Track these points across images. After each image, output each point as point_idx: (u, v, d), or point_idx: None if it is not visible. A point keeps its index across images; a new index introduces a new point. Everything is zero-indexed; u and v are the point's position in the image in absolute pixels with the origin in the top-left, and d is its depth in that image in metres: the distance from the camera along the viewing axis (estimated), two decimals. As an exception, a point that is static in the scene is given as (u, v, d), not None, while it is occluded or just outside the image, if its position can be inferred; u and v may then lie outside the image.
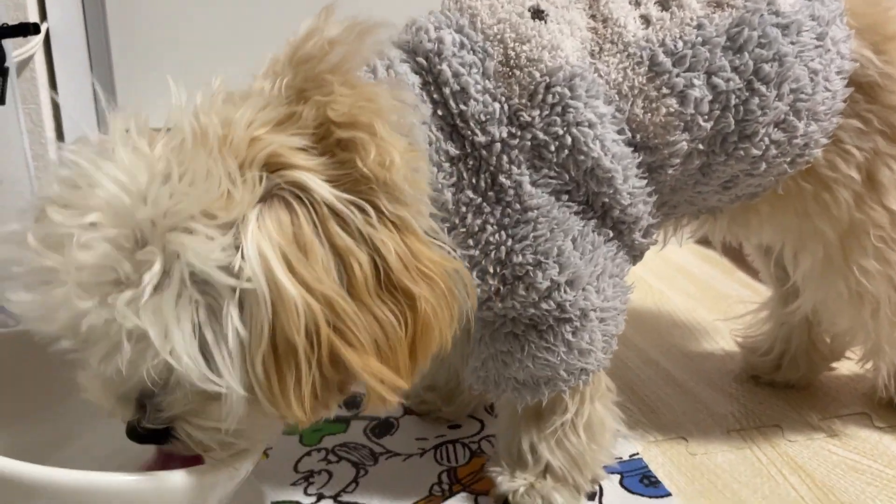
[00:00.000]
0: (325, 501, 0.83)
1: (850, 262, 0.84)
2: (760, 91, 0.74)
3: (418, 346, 0.63)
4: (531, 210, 0.71)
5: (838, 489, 0.85)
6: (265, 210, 0.58)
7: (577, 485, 0.82)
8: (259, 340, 0.57)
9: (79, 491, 0.58)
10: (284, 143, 0.59)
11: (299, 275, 0.57)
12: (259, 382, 0.58)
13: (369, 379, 0.60)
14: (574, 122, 0.70)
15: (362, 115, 0.60)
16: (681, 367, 1.10)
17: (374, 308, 0.60)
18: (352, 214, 0.59)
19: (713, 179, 0.79)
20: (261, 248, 0.56)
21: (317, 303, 0.57)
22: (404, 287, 0.61)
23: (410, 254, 0.61)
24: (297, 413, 0.59)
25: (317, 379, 0.59)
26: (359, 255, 0.59)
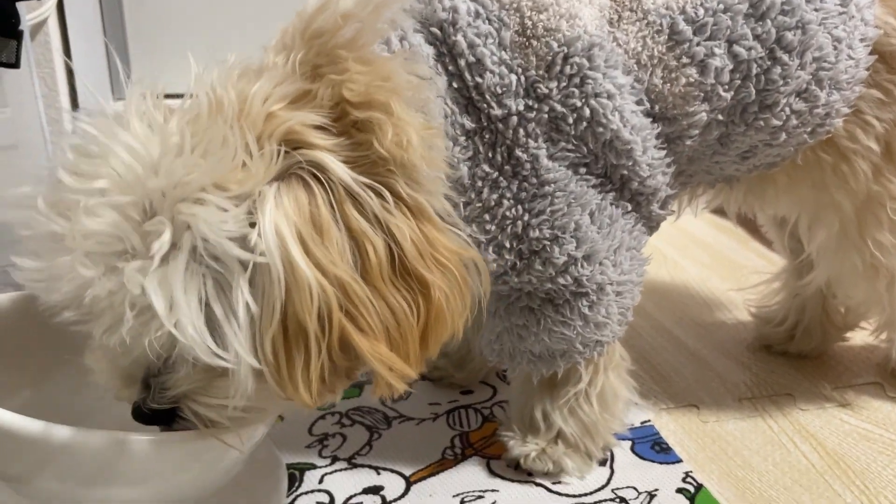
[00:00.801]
0: (340, 464, 0.83)
1: (865, 236, 0.83)
2: (783, 60, 0.71)
3: (429, 334, 0.62)
4: (548, 184, 0.69)
5: (849, 457, 0.85)
6: (283, 188, 0.56)
7: (589, 452, 0.82)
8: (270, 320, 0.55)
9: (102, 450, 0.59)
10: (302, 120, 0.58)
11: (314, 256, 0.55)
12: (268, 362, 0.57)
13: (378, 366, 0.59)
14: (593, 93, 0.68)
15: (378, 94, 0.58)
16: (694, 336, 1.09)
17: (386, 294, 0.59)
18: (368, 198, 0.58)
19: (732, 150, 0.77)
20: (278, 226, 0.55)
21: (330, 286, 0.56)
22: (418, 274, 0.60)
23: (426, 241, 0.60)
24: (303, 396, 0.57)
25: (325, 363, 0.57)
26: (374, 240, 0.58)
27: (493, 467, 0.83)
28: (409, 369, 0.61)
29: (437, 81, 0.67)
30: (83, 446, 0.59)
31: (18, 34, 0.91)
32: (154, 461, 0.62)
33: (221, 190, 0.55)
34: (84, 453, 0.60)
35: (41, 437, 0.58)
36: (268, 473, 0.78)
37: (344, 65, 0.59)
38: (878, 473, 0.82)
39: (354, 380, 0.63)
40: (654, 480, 0.81)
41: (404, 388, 0.61)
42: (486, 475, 0.82)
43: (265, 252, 0.55)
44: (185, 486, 0.67)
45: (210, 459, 0.65)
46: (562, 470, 0.81)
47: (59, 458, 0.60)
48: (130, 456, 0.60)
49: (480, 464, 0.84)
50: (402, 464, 0.84)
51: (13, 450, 0.60)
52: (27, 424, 0.58)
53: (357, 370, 0.61)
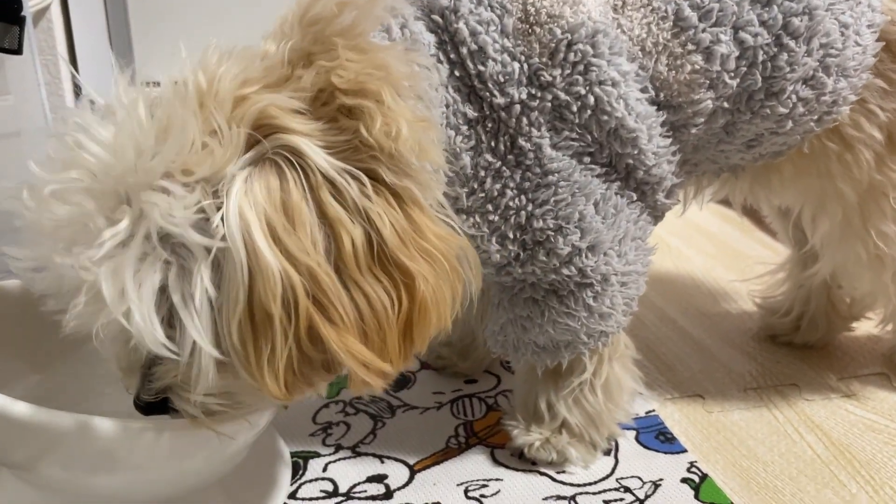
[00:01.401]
0: (344, 452, 0.83)
1: (868, 226, 0.81)
2: (789, 46, 0.70)
3: (414, 328, 0.59)
4: (552, 174, 0.68)
5: (855, 448, 0.84)
6: (255, 173, 0.55)
7: (594, 441, 0.81)
8: (235, 306, 0.54)
9: (106, 437, 0.59)
10: (275, 103, 0.56)
11: (282, 243, 0.54)
12: (236, 351, 0.55)
13: (348, 359, 0.56)
14: (597, 80, 0.67)
15: (370, 82, 0.57)
16: (698, 326, 1.08)
17: (364, 284, 0.57)
18: (346, 184, 0.56)
19: (737, 138, 0.76)
20: (243, 212, 0.53)
21: (297, 273, 0.54)
22: (401, 264, 0.57)
23: (412, 229, 0.58)
24: (271, 386, 0.56)
25: (294, 353, 0.56)
26: (350, 228, 0.55)
27: (498, 456, 0.83)
28: (385, 365, 0.58)
29: (438, 70, 0.66)
30: (88, 434, 0.59)
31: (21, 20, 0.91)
32: (159, 449, 0.62)
33: (184, 174, 0.54)
34: (89, 441, 0.59)
35: (46, 425, 0.59)
36: (272, 461, 0.77)
37: (336, 52, 0.57)
38: (884, 463, 0.81)
39: (336, 374, 0.60)
40: (658, 470, 0.80)
41: (381, 386, 0.59)
42: (490, 464, 0.81)
43: (228, 237, 0.53)
44: (189, 474, 0.67)
45: (215, 447, 0.65)
46: (566, 459, 0.80)
47: (63, 446, 0.61)
48: (135, 443, 0.60)
49: (484, 453, 0.83)
50: (406, 452, 0.83)
51: (18, 437, 0.60)
52: (32, 412, 0.58)
53: (334, 364, 0.58)
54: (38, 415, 0.58)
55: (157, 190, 0.54)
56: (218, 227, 0.54)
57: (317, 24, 0.58)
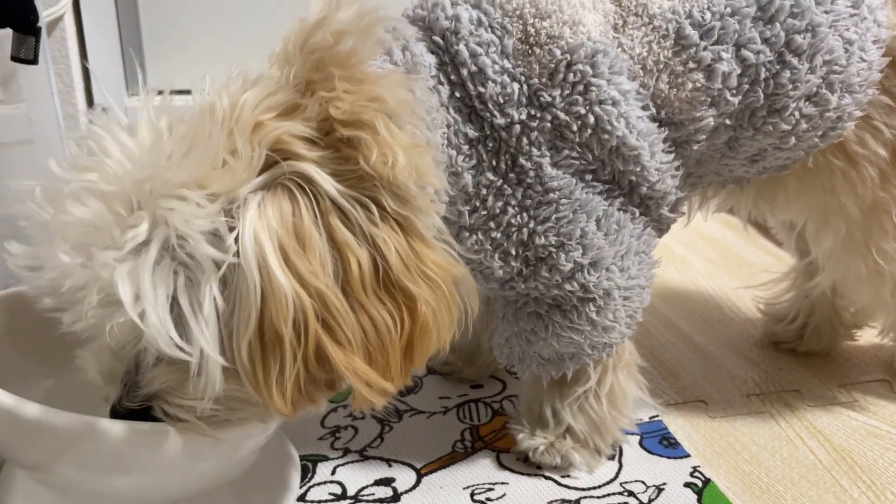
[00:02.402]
0: (352, 456, 0.82)
1: (869, 243, 0.80)
2: (792, 64, 0.69)
3: (415, 348, 0.60)
4: (553, 191, 0.67)
5: (856, 453, 0.83)
6: (268, 197, 0.55)
7: (598, 448, 0.81)
8: (246, 326, 0.54)
9: (120, 439, 0.59)
10: (290, 131, 0.56)
11: (294, 266, 0.54)
12: (244, 368, 0.56)
13: (353, 379, 0.57)
14: (597, 100, 0.66)
15: (365, 113, 0.57)
16: (702, 332, 1.08)
17: (369, 307, 0.58)
18: (354, 210, 0.56)
19: (740, 153, 0.75)
20: (257, 235, 0.54)
21: (308, 296, 0.54)
22: (404, 287, 0.58)
23: (414, 255, 0.58)
24: (278, 403, 0.56)
25: (301, 373, 0.56)
26: (357, 252, 0.56)
27: (503, 460, 0.82)
28: (388, 384, 0.59)
29: (439, 91, 0.65)
30: (101, 435, 0.59)
31: (36, 31, 0.92)
32: (171, 451, 0.61)
33: (200, 188, 0.55)
34: (102, 442, 0.59)
35: (61, 427, 0.59)
36: (281, 464, 0.77)
37: (333, 83, 0.57)
38: (885, 469, 0.81)
39: (336, 391, 0.61)
40: (662, 474, 0.80)
41: (383, 404, 0.60)
42: (495, 468, 0.81)
43: (243, 259, 0.54)
44: (201, 476, 0.67)
45: (226, 449, 0.65)
46: (570, 464, 0.80)
47: (77, 447, 0.60)
48: (148, 445, 0.60)
49: (490, 457, 0.83)
50: (413, 456, 0.83)
51: (33, 438, 0.60)
52: (47, 414, 0.58)
53: (338, 382, 0.60)
54: (54, 417, 0.58)
55: (176, 197, 0.54)
56: (229, 244, 0.54)
57: (315, 52, 0.58)
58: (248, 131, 0.56)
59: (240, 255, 0.54)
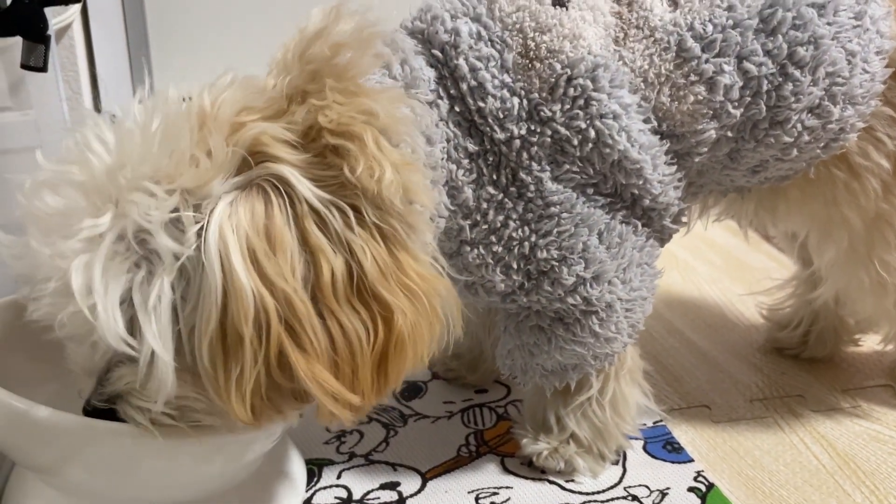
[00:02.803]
0: (357, 460, 0.83)
1: (872, 255, 0.80)
2: (794, 76, 0.68)
3: (389, 362, 0.58)
4: (554, 206, 0.67)
5: (860, 458, 0.83)
6: (241, 196, 0.55)
7: (602, 453, 0.80)
8: (207, 324, 0.53)
9: (128, 442, 0.60)
10: (268, 132, 0.55)
11: (261, 267, 0.53)
12: (204, 369, 0.54)
13: (314, 388, 0.55)
14: (598, 114, 0.66)
15: (354, 126, 0.56)
16: (705, 337, 1.07)
17: (340, 314, 0.56)
18: (330, 215, 0.55)
19: (742, 164, 0.74)
20: (223, 232, 0.53)
21: (272, 297, 0.53)
22: (380, 296, 0.57)
23: (395, 264, 0.57)
24: (237, 409, 0.55)
25: (263, 378, 0.55)
26: (331, 257, 0.55)
27: (508, 465, 0.82)
28: (353, 397, 0.57)
29: (438, 105, 0.65)
30: (110, 438, 0.59)
31: (46, 39, 0.93)
32: (179, 454, 0.62)
33: (168, 181, 0.54)
34: (111, 445, 0.60)
35: (69, 429, 0.59)
36: (287, 468, 0.77)
37: (326, 93, 0.57)
38: (888, 474, 0.80)
39: (308, 402, 0.59)
40: (665, 479, 0.80)
41: (350, 420, 0.57)
42: (500, 472, 0.81)
43: (205, 255, 0.53)
44: (207, 479, 0.67)
45: (233, 452, 0.66)
46: (574, 469, 0.80)
47: (86, 450, 0.61)
48: (156, 447, 0.60)
49: (495, 461, 0.83)
50: (419, 460, 0.83)
51: (43, 441, 0.60)
52: (57, 416, 0.59)
53: (307, 393, 0.57)
54: (64, 420, 0.59)
55: (139, 190, 0.54)
56: (190, 238, 0.53)
57: (312, 62, 0.58)
58: (226, 130, 0.56)
59: (202, 251, 0.53)
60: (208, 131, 0.56)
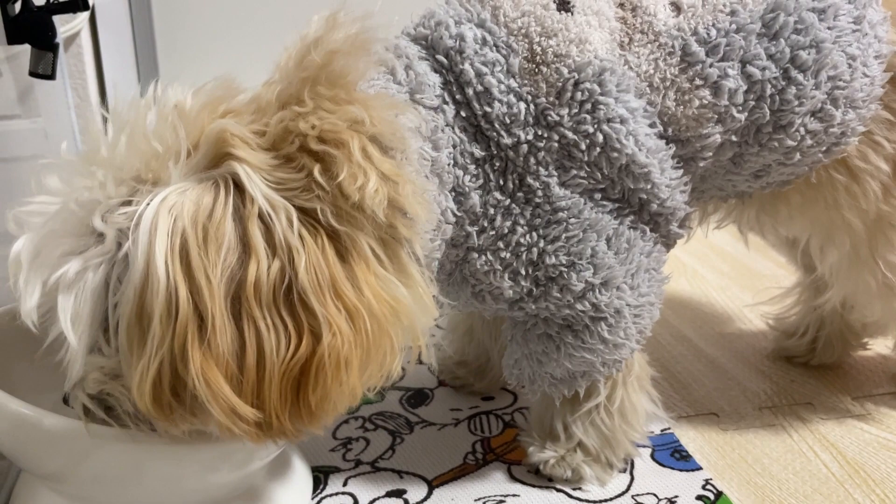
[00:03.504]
0: (363, 467, 0.83)
1: (876, 256, 0.80)
2: (797, 80, 0.69)
3: (308, 383, 0.55)
4: (561, 211, 0.67)
5: (869, 466, 0.83)
6: (192, 187, 0.55)
7: (610, 462, 0.81)
8: (126, 305, 0.54)
9: (135, 449, 0.60)
10: (230, 129, 0.56)
11: (188, 256, 0.53)
12: (122, 352, 0.55)
13: (202, 389, 0.52)
14: (605, 118, 0.66)
15: (341, 133, 0.56)
16: (713, 344, 1.08)
17: (259, 320, 0.54)
18: (276, 217, 0.55)
19: (745, 169, 0.75)
20: (157, 217, 0.54)
21: (186, 287, 0.52)
22: (311, 309, 0.54)
23: (345, 278, 0.55)
24: (136, 392, 0.54)
25: (166, 368, 0.53)
26: (262, 259, 0.54)
27: (514, 472, 0.83)
28: (250, 410, 0.53)
29: (444, 111, 0.65)
30: (117, 445, 0.60)
31: (54, 47, 0.94)
32: (184, 461, 0.63)
33: (119, 170, 0.56)
34: (117, 452, 0.61)
35: (76, 436, 0.60)
36: (293, 476, 0.78)
37: (306, 101, 0.57)
38: None
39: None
40: (673, 487, 0.80)
41: (253, 438, 0.54)
42: (506, 480, 0.81)
43: (131, 236, 0.54)
44: (213, 486, 0.67)
45: (238, 460, 0.66)
46: (581, 477, 0.80)
47: (93, 457, 0.62)
48: (163, 455, 0.61)
49: (501, 469, 0.83)
50: (425, 468, 0.83)
51: (51, 448, 0.61)
52: (62, 423, 0.60)
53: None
54: (71, 427, 0.60)
55: (89, 175, 0.56)
56: (118, 218, 0.55)
57: (307, 70, 0.58)
58: (190, 123, 0.57)
59: (131, 233, 0.54)
60: (173, 124, 0.57)
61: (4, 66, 0.98)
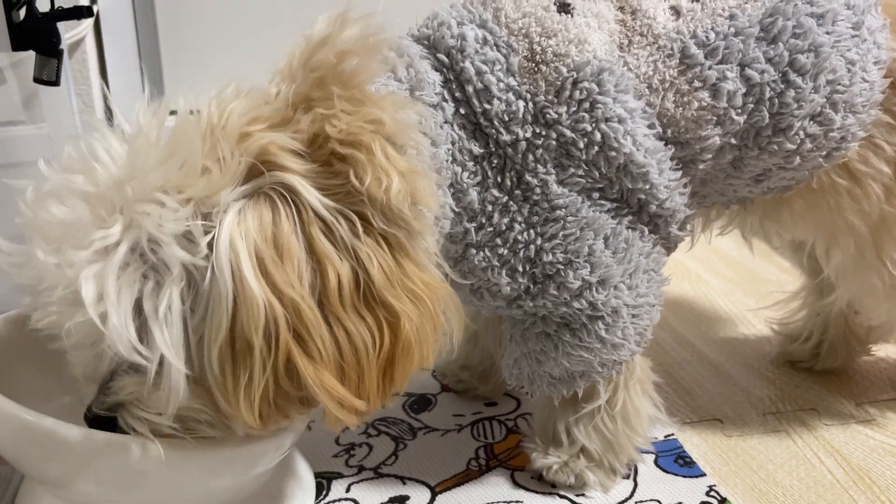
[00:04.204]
0: (366, 473, 0.83)
1: (882, 256, 0.80)
2: (796, 83, 0.69)
3: (395, 367, 0.59)
4: (559, 209, 0.68)
5: (874, 473, 0.83)
6: (249, 205, 0.56)
7: (613, 467, 0.80)
8: (217, 333, 0.54)
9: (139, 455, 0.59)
10: (276, 141, 0.57)
11: (269, 274, 0.54)
12: (214, 377, 0.56)
13: (322, 394, 0.56)
14: (603, 117, 0.67)
15: (362, 135, 0.57)
16: (717, 350, 1.07)
17: (346, 321, 0.57)
18: (337, 223, 0.56)
19: (745, 173, 0.75)
20: (233, 241, 0.54)
21: (281, 305, 0.54)
22: (386, 302, 0.58)
23: (399, 271, 0.58)
24: (245, 415, 0.56)
25: (271, 385, 0.56)
26: (337, 264, 0.56)
27: (518, 478, 0.82)
28: (360, 403, 0.58)
29: (443, 108, 0.66)
30: (120, 451, 0.60)
31: (59, 53, 0.94)
32: (189, 467, 0.63)
33: (178, 191, 0.55)
34: (121, 458, 0.60)
35: (79, 442, 0.59)
36: (296, 481, 0.78)
37: (332, 101, 0.58)
38: None
39: (313, 408, 0.60)
40: (677, 493, 0.80)
41: (354, 424, 0.59)
42: (510, 486, 0.81)
43: (216, 263, 0.54)
44: (217, 492, 0.67)
45: (242, 466, 0.66)
46: (584, 483, 0.80)
47: (96, 463, 0.61)
48: (166, 461, 0.60)
49: (504, 475, 0.83)
50: (428, 474, 0.83)
51: (53, 454, 0.61)
52: (66, 429, 0.59)
53: (314, 399, 0.58)
54: (73, 432, 0.59)
55: (151, 201, 0.55)
56: (201, 248, 0.54)
57: (318, 70, 0.59)
58: (234, 140, 0.57)
59: (213, 260, 0.54)
60: (217, 141, 0.57)
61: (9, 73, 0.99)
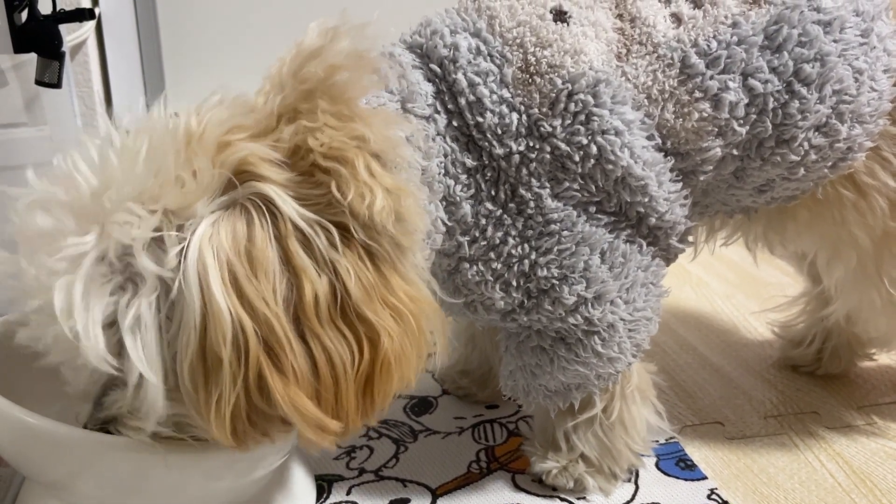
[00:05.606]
0: (367, 476, 0.82)
1: (882, 273, 0.78)
2: (801, 93, 0.67)
3: (375, 385, 0.57)
4: (554, 223, 0.66)
5: (876, 477, 0.81)
6: (224, 217, 0.54)
7: (613, 472, 0.79)
8: (187, 348, 0.53)
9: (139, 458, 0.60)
10: (256, 152, 0.54)
11: (241, 288, 0.52)
12: (186, 391, 0.54)
13: (292, 414, 0.54)
14: (599, 130, 0.64)
15: (346, 150, 0.55)
16: (718, 353, 1.06)
17: (323, 337, 0.55)
18: (315, 235, 0.54)
19: (748, 183, 0.73)
20: (202, 254, 0.52)
21: (251, 320, 0.52)
22: (366, 318, 0.55)
23: (383, 284, 0.56)
24: (217, 431, 0.54)
25: (242, 401, 0.53)
26: (314, 278, 0.54)
27: (518, 481, 0.81)
28: (335, 424, 0.56)
29: (436, 120, 0.64)
30: (121, 454, 0.59)
31: (61, 56, 0.95)
32: (189, 470, 0.62)
33: (151, 201, 0.53)
34: (122, 460, 0.60)
35: (80, 443, 0.59)
36: (296, 484, 0.77)
37: (318, 115, 0.55)
38: None
39: (293, 427, 0.57)
40: (678, 497, 0.78)
41: (330, 446, 0.56)
42: (510, 489, 0.80)
43: (183, 276, 0.52)
44: (217, 494, 0.67)
45: (242, 469, 0.65)
46: (583, 487, 0.78)
47: (97, 465, 0.61)
48: (167, 464, 0.60)
49: (505, 478, 0.82)
50: (428, 477, 0.82)
51: (54, 456, 0.60)
52: (67, 431, 0.59)
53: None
54: (75, 435, 0.59)
55: (123, 211, 0.53)
56: (171, 259, 0.53)
57: (307, 82, 0.56)
58: (212, 150, 0.55)
59: (181, 272, 0.52)
60: (193, 151, 0.55)
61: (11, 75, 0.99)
